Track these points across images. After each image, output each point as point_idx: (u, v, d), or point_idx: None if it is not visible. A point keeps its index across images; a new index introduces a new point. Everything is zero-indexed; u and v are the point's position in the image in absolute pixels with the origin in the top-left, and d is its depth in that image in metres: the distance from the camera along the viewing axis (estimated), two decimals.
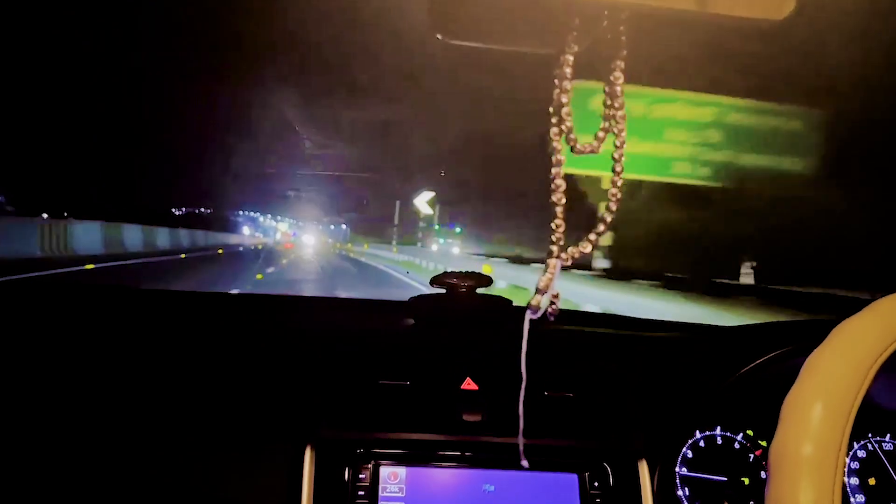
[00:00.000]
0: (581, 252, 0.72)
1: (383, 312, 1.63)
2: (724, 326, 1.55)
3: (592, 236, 0.72)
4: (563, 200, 0.69)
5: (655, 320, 1.65)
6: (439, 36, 0.78)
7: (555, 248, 0.71)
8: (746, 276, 11.05)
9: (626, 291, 9.37)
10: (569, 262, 0.72)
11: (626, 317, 1.70)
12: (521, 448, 0.95)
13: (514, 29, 0.73)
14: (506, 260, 18.42)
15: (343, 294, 11.07)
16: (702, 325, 1.62)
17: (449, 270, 1.41)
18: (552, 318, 0.75)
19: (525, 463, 0.97)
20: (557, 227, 0.70)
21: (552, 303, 0.74)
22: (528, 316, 0.73)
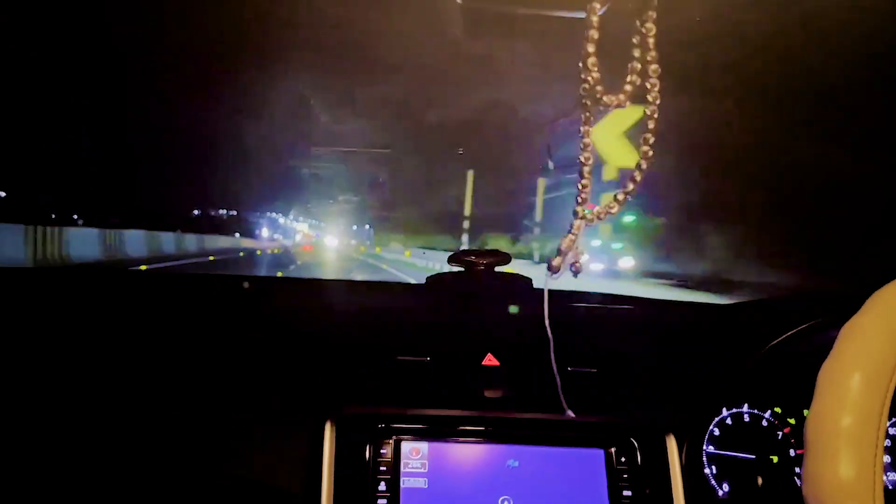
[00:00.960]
0: (608, 211, 0.70)
1: (402, 292, 1.62)
2: (748, 301, 1.52)
3: (620, 196, 0.69)
4: (591, 160, 0.66)
5: (678, 301, 1.62)
6: (460, 0, 0.75)
7: (579, 209, 0.68)
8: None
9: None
10: (594, 223, 0.70)
11: (648, 298, 1.68)
12: (564, 402, 0.93)
13: None
14: None
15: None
16: (724, 304, 1.59)
17: None
18: (575, 276, 0.73)
19: (570, 413, 0.94)
20: (584, 186, 0.68)
21: (574, 262, 0.72)
22: (548, 277, 0.71)
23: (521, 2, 0.72)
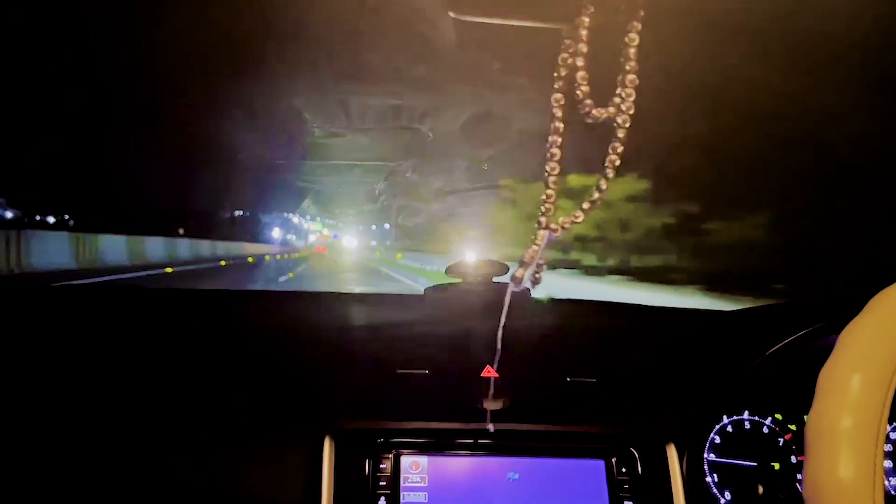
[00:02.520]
0: (573, 221, 0.70)
1: (400, 304, 1.62)
2: (747, 308, 1.51)
3: (586, 205, 0.69)
4: (557, 170, 0.67)
5: (673, 307, 1.62)
6: (452, 13, 0.75)
7: (544, 219, 0.69)
8: None
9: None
10: (559, 233, 0.70)
11: (647, 305, 1.67)
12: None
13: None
14: None
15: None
16: (722, 310, 1.59)
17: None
18: (533, 288, 0.74)
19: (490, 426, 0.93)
20: (549, 196, 0.68)
21: (535, 272, 0.72)
22: (511, 288, 0.73)
23: (509, 15, 0.73)
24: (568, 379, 1.21)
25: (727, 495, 1.18)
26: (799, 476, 1.19)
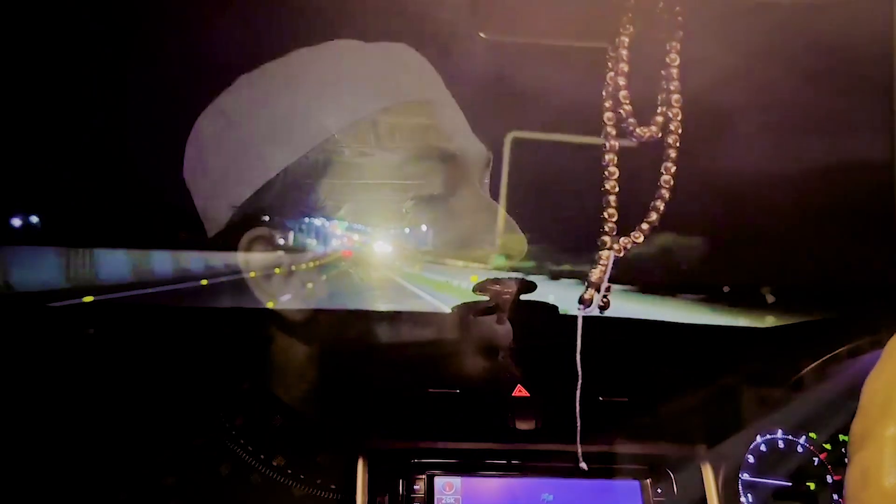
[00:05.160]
0: (634, 242, 0.70)
1: (429, 322, 1.61)
2: (780, 325, 1.50)
3: (645, 226, 0.69)
4: (617, 189, 0.67)
5: (710, 325, 1.61)
6: (483, 34, 0.76)
7: (607, 239, 0.69)
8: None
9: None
10: (622, 254, 0.70)
11: (679, 323, 1.66)
12: (579, 452, 0.93)
13: (565, 19, 0.70)
14: None
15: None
16: (755, 327, 1.57)
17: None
18: (602, 313, 0.73)
19: (583, 465, 0.94)
20: (610, 216, 0.68)
21: (604, 296, 0.72)
22: (581, 312, 0.72)
23: (545, 35, 0.73)
24: (600, 398, 1.21)
25: None
26: (834, 496, 1.17)
